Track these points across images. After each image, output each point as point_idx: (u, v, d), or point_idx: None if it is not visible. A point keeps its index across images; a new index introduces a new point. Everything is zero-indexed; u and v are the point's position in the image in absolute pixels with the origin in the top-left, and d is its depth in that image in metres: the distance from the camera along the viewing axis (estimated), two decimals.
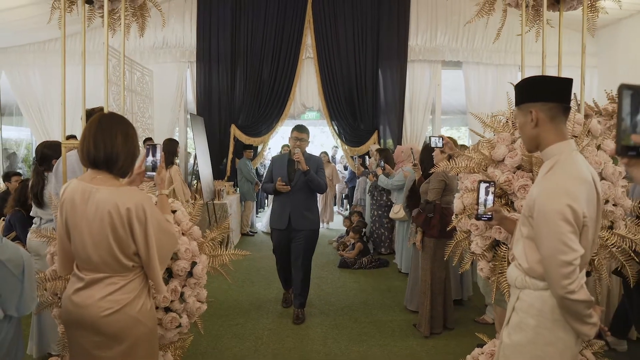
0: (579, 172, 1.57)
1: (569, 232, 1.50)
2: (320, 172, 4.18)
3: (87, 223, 1.68)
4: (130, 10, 2.87)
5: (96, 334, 1.72)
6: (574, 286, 1.50)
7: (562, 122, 1.66)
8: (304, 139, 4.13)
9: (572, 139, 1.68)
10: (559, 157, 1.62)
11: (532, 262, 1.64)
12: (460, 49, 8.28)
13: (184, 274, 2.48)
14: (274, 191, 4.16)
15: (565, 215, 1.50)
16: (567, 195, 1.51)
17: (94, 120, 1.72)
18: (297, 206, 4.12)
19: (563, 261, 1.50)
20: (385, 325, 4.09)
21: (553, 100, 1.63)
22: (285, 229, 4.15)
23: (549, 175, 1.61)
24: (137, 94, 7.57)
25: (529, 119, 1.67)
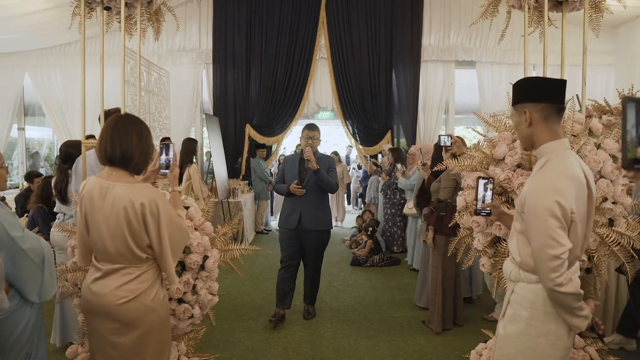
0: (569, 170, 1.63)
1: (557, 228, 1.56)
2: (331, 172, 4.11)
3: (105, 217, 1.80)
4: (146, 15, 3.00)
5: (112, 320, 1.84)
6: (562, 279, 1.56)
7: (556, 122, 1.72)
8: (315, 137, 4.08)
9: (566, 138, 1.73)
10: (551, 155, 1.68)
11: (524, 256, 1.71)
12: (474, 49, 8.29)
13: (196, 267, 2.59)
14: (287, 193, 4.09)
15: (554, 211, 1.56)
16: (555, 192, 1.57)
17: (111, 121, 1.84)
18: (308, 206, 4.05)
19: (551, 255, 1.56)
20: (394, 322, 4.16)
21: (546, 101, 1.70)
22: (295, 228, 4.07)
23: (540, 172, 1.68)
24: (154, 95, 7.75)
25: (523, 119, 1.74)
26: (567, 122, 2.34)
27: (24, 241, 1.99)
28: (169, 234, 1.84)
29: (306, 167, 4.07)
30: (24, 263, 2.01)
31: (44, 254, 2.07)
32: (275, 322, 4.03)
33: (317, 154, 4.10)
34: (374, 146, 8.67)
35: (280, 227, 4.24)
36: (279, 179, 4.30)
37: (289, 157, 4.43)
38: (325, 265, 6.09)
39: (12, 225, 2.00)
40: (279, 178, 4.31)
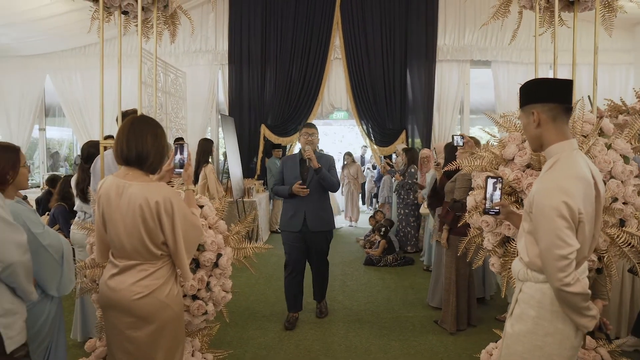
0: (577, 170, 1.64)
1: (564, 228, 1.58)
2: (332, 171, 4.05)
3: (121, 215, 1.87)
4: (162, 18, 3.07)
5: (128, 315, 1.90)
6: (570, 279, 1.58)
7: (564, 122, 1.73)
8: (314, 135, 4.00)
9: (574, 139, 1.75)
10: (559, 156, 1.70)
11: (532, 256, 1.73)
12: (489, 48, 8.25)
13: (210, 265, 2.65)
14: (289, 194, 3.95)
15: (561, 212, 1.57)
16: (563, 192, 1.59)
17: (126, 122, 1.91)
18: (312, 207, 3.95)
19: (559, 255, 1.58)
20: (406, 321, 4.18)
21: (554, 101, 1.71)
22: (299, 231, 3.96)
23: (548, 173, 1.69)
24: (171, 95, 7.88)
25: (531, 120, 1.76)
26: (577, 123, 2.34)
27: (44, 237, 2.08)
28: (183, 231, 1.90)
29: (308, 165, 3.95)
30: (44, 258, 2.10)
31: (63, 250, 2.16)
32: (289, 327, 4.01)
33: (316, 153, 4.00)
34: (388, 146, 8.68)
35: (283, 231, 4.12)
36: (278, 181, 4.16)
37: (287, 158, 4.29)
38: (338, 264, 6.17)
39: (33, 222, 2.09)
40: (278, 180, 4.17)
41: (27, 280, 1.79)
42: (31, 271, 1.83)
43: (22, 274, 1.75)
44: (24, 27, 7.46)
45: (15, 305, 1.80)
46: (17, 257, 1.72)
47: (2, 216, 1.73)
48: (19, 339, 1.79)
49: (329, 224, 4.09)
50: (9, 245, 1.72)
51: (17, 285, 1.77)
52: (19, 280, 1.75)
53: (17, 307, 1.81)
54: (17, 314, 1.81)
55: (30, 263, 1.80)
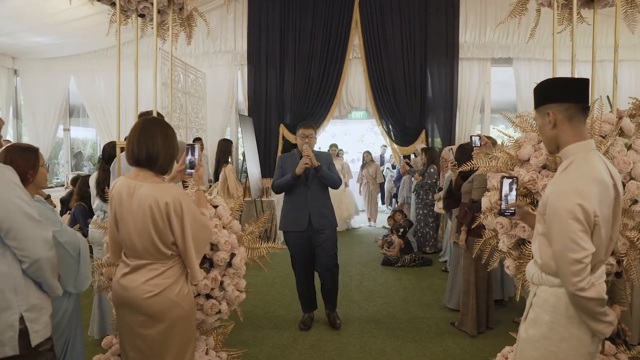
0: (593, 171, 1.60)
1: (579, 231, 1.53)
2: (331, 168, 4.01)
3: (132, 215, 1.90)
4: (178, 20, 3.11)
5: (140, 313, 1.93)
6: (584, 283, 1.53)
7: (581, 122, 1.68)
8: (311, 135, 3.94)
9: (591, 139, 1.70)
10: (575, 157, 1.65)
11: (546, 259, 1.69)
12: (511, 45, 8.10)
13: (223, 264, 2.67)
14: (293, 178, 3.83)
15: (576, 214, 1.53)
16: (578, 194, 1.54)
17: (137, 124, 1.95)
18: (316, 205, 3.91)
19: (573, 259, 1.53)
20: (422, 323, 4.14)
21: (569, 101, 1.67)
22: (305, 230, 3.88)
23: (563, 174, 1.65)
24: (190, 96, 7.98)
25: (547, 121, 1.71)
26: (595, 122, 2.28)
27: (61, 235, 2.14)
28: (192, 231, 1.92)
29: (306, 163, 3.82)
30: (61, 255, 2.16)
31: (80, 248, 2.22)
32: (304, 327, 3.99)
33: (313, 151, 3.93)
34: (408, 146, 8.61)
35: (287, 231, 4.01)
36: (277, 177, 4.04)
37: (286, 156, 4.23)
38: (356, 264, 6.15)
39: (51, 220, 2.15)
40: (277, 176, 4.05)
41: (53, 275, 1.85)
42: (56, 267, 1.89)
43: (48, 270, 1.81)
44: (49, 30, 7.65)
45: (41, 300, 1.86)
46: (43, 253, 1.77)
47: (29, 213, 1.78)
48: (44, 332, 1.85)
49: (334, 222, 4.03)
50: (36, 241, 1.78)
51: (43, 280, 1.83)
52: (45, 276, 1.81)
53: (43, 302, 1.87)
54: (43, 309, 1.87)
55: (56, 259, 1.87)
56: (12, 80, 9.18)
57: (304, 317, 4.11)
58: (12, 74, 9.13)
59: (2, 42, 8.24)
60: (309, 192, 3.92)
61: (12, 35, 7.93)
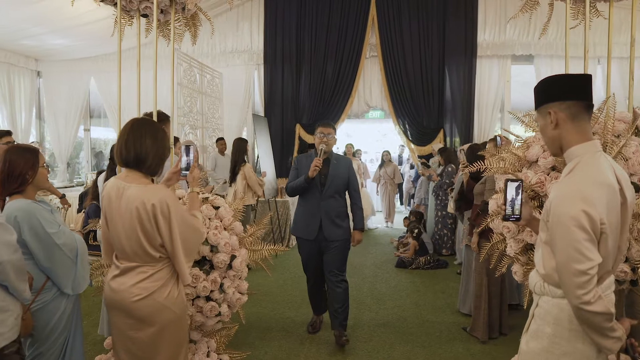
0: (600, 175, 1.49)
1: (584, 240, 1.42)
2: (351, 173, 3.72)
3: (120, 217, 1.87)
4: (183, 20, 3.09)
5: (129, 316, 1.91)
6: (589, 297, 1.42)
7: (585, 121, 1.58)
8: (330, 134, 3.62)
9: (597, 140, 1.59)
10: (580, 159, 1.55)
11: (549, 269, 1.58)
12: (532, 43, 7.88)
13: (224, 266, 2.64)
14: (306, 181, 3.52)
15: (580, 222, 1.42)
16: (583, 200, 1.44)
17: (126, 124, 1.92)
18: (328, 213, 3.61)
19: (577, 270, 1.43)
20: (433, 327, 4.04)
21: (571, 98, 1.56)
22: (315, 239, 3.63)
23: (567, 178, 1.55)
24: (207, 96, 8.01)
25: (548, 121, 1.61)
26: (608, 121, 2.15)
27: (58, 237, 2.14)
28: (181, 233, 1.88)
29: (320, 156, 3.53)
30: (58, 257, 2.15)
31: (77, 249, 2.22)
32: (312, 331, 3.92)
33: (333, 155, 3.69)
34: (425, 146, 8.47)
35: (298, 237, 3.81)
36: (292, 179, 3.74)
37: (302, 156, 3.86)
38: (370, 266, 6.07)
39: (48, 222, 2.15)
40: (292, 177, 3.75)
41: (18, 278, 1.83)
42: (23, 270, 1.86)
43: (11, 273, 1.78)
44: (69, 32, 7.79)
45: (6, 303, 1.84)
46: (6, 257, 1.75)
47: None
48: (9, 335, 1.84)
49: (347, 231, 3.70)
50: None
51: (8, 283, 1.82)
52: (9, 279, 1.80)
53: (8, 305, 1.85)
54: (9, 311, 1.85)
55: (22, 262, 1.84)
56: (35, 81, 9.39)
57: (313, 319, 4.03)
58: (35, 75, 9.34)
59: (26, 45, 8.44)
60: (323, 198, 3.62)
61: (35, 37, 8.10)
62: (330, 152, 3.68)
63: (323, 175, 3.62)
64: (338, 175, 3.65)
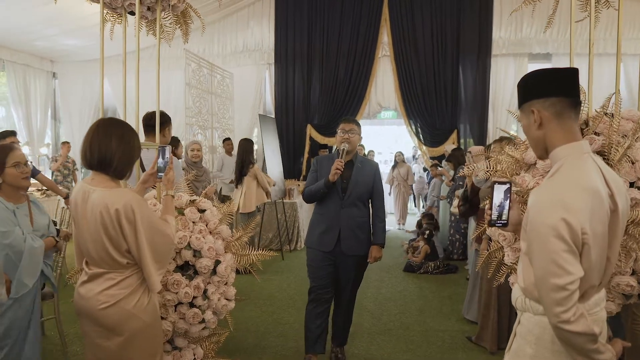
0: (583, 179, 1.33)
1: (562, 251, 1.27)
2: (377, 179, 3.29)
3: (86, 221, 1.80)
4: (173, 18, 3.01)
5: (96, 324, 1.84)
6: (569, 315, 1.27)
7: (571, 120, 1.42)
8: (353, 131, 3.17)
9: (585, 140, 1.43)
10: (564, 161, 1.40)
11: (529, 283, 1.44)
12: (550, 40, 7.61)
13: (207, 272, 2.55)
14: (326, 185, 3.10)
15: (559, 231, 1.27)
16: (562, 207, 1.28)
17: (93, 125, 1.85)
18: (349, 223, 3.16)
19: (555, 285, 1.28)
20: (436, 335, 3.88)
21: (556, 94, 1.41)
22: (331, 251, 3.17)
23: (547, 182, 1.40)
24: (217, 96, 7.98)
25: (532, 120, 1.46)
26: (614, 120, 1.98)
27: (6, 237, 2.13)
28: (149, 239, 1.79)
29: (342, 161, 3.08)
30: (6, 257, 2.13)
31: (24, 251, 2.18)
32: None
33: (358, 158, 3.27)
34: (438, 147, 8.28)
35: (310, 248, 3.28)
36: (310, 183, 3.30)
37: (322, 158, 3.39)
38: (376, 270, 5.92)
39: (2, 220, 2.13)
40: (310, 181, 3.31)
41: None
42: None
43: None
44: (82, 33, 7.86)
45: None
46: None
47: None
48: None
49: (365, 245, 3.24)
50: None
51: None
52: None
53: None
54: None
55: None
56: (51, 82, 9.54)
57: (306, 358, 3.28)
58: (50, 76, 9.49)
59: (41, 46, 8.57)
60: (343, 205, 3.17)
61: (49, 38, 8.21)
62: (354, 152, 3.24)
63: (345, 180, 3.17)
64: (362, 180, 3.20)
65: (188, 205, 2.66)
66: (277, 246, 6.95)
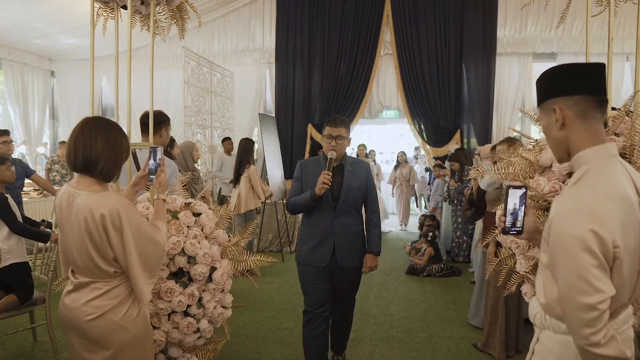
0: (613, 186, 1.21)
1: (592, 267, 1.14)
2: (370, 180, 3.00)
3: (71, 227, 1.68)
4: (169, 13, 2.89)
5: (82, 337, 1.72)
6: (599, 337, 1.14)
7: (597, 120, 1.30)
8: (341, 136, 2.79)
9: (611, 143, 1.30)
10: (590, 166, 1.27)
11: (551, 299, 1.31)
12: (555, 39, 7.47)
13: (202, 279, 2.43)
14: (312, 198, 2.76)
15: (588, 244, 1.14)
16: (590, 217, 1.16)
17: (77, 125, 1.73)
18: (345, 235, 2.87)
19: (584, 304, 1.15)
20: (440, 342, 3.76)
21: (580, 92, 1.28)
22: (326, 266, 2.88)
23: (572, 189, 1.27)
24: (217, 95, 7.86)
25: (553, 119, 1.33)
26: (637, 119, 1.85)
27: None
28: (138, 246, 1.67)
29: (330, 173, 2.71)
30: None
31: None
32: None
33: (347, 160, 2.94)
34: (442, 147, 8.14)
35: (302, 264, 2.99)
36: (295, 192, 2.95)
37: (308, 162, 3.02)
38: (378, 272, 5.79)
39: None
40: (295, 190, 2.96)
41: None
42: None
43: None
44: (80, 32, 7.74)
45: None
46: None
47: None
48: None
49: (362, 255, 2.99)
50: None
51: None
52: None
53: None
54: None
55: None
56: (49, 81, 9.42)
57: None
58: (49, 75, 9.37)
59: (39, 44, 8.45)
60: (336, 215, 2.86)
61: (48, 37, 8.10)
62: (343, 156, 2.92)
63: (336, 187, 2.83)
64: (355, 185, 2.90)
65: (183, 209, 2.54)
66: (277, 248, 6.83)
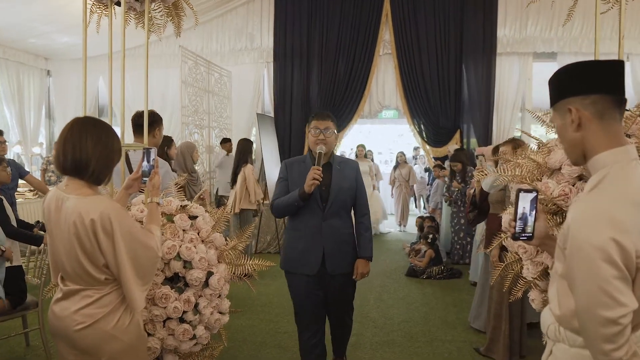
0: (635, 191, 1.14)
1: (613, 278, 1.07)
2: (359, 180, 2.83)
3: (60, 232, 1.61)
4: (165, 10, 2.82)
5: (72, 347, 1.65)
6: (621, 354, 1.07)
7: (616, 121, 1.22)
8: (329, 129, 2.65)
9: (631, 145, 1.23)
10: (609, 170, 1.19)
11: (566, 311, 1.24)
12: (555, 39, 7.41)
13: (199, 284, 2.36)
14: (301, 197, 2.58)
15: (609, 254, 1.07)
16: (611, 224, 1.08)
17: (67, 125, 1.65)
18: (334, 240, 2.70)
19: (605, 318, 1.07)
20: (442, 346, 3.69)
21: (597, 92, 1.21)
22: (316, 274, 2.70)
23: (590, 194, 1.19)
24: (214, 95, 7.78)
25: (568, 120, 1.26)
26: None
27: None
28: (130, 251, 1.60)
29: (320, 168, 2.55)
30: None
31: None
32: None
33: (335, 158, 2.79)
34: (442, 147, 8.08)
35: (290, 273, 2.82)
36: (280, 193, 2.75)
37: (293, 162, 2.83)
38: (378, 275, 5.72)
39: None
40: (280, 192, 2.76)
41: None
42: None
43: None
44: (76, 31, 7.64)
45: None
46: None
47: None
48: None
49: (353, 261, 2.81)
50: None
51: None
52: None
53: None
54: None
55: None
56: (45, 80, 9.33)
57: None
58: (45, 74, 9.28)
59: (35, 43, 8.36)
60: (325, 217, 2.68)
61: (44, 36, 8.01)
62: (331, 154, 2.77)
63: (324, 187, 2.66)
64: (344, 186, 2.73)
65: (178, 212, 2.46)
66: (275, 249, 6.76)
